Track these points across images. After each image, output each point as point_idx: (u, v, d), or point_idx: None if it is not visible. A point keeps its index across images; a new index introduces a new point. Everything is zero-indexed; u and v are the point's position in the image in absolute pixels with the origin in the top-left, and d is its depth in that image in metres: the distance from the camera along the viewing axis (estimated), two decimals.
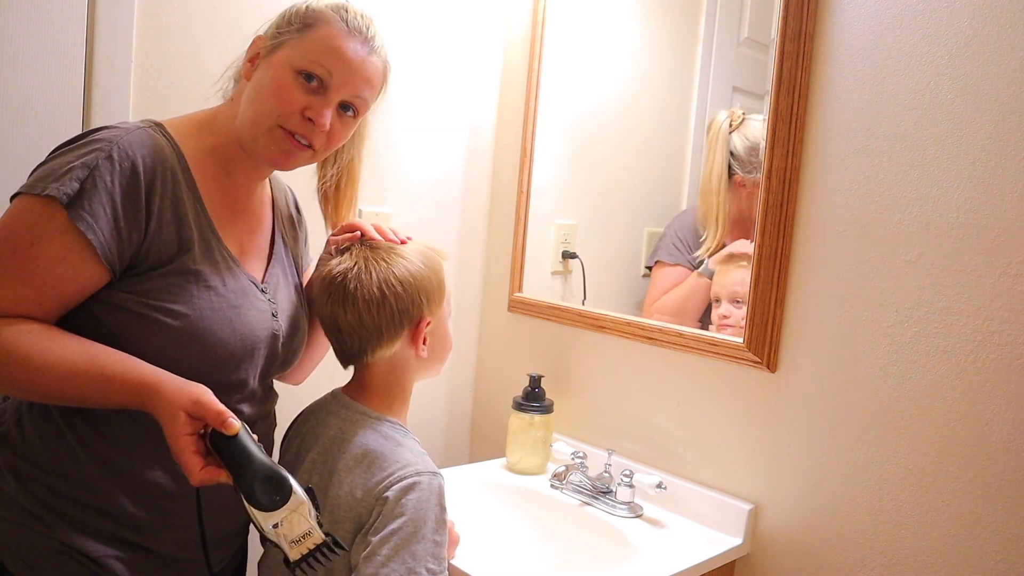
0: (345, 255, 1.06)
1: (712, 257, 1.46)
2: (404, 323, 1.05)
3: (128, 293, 0.89)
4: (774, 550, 1.30)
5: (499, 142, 1.82)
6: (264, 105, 0.95)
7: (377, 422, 1.05)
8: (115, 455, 0.91)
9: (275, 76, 0.95)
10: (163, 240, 0.90)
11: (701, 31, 1.53)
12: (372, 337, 1.04)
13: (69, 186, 0.84)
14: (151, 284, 0.90)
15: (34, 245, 0.84)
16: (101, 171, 0.86)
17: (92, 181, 0.85)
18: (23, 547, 0.89)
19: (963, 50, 1.09)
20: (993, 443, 1.07)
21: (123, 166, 0.87)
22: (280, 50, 0.96)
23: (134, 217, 0.88)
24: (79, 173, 0.85)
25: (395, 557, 0.94)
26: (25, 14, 1.13)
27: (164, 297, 0.90)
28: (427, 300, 1.06)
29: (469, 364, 1.87)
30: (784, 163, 1.26)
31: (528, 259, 1.74)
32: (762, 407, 1.32)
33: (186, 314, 0.90)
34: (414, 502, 0.96)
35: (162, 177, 0.90)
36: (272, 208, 1.12)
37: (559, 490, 1.48)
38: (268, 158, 0.98)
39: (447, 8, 1.69)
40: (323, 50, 0.95)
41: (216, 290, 0.94)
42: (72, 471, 0.90)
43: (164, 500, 0.94)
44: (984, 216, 1.07)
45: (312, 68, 0.95)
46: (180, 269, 0.91)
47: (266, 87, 0.95)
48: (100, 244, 0.85)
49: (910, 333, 1.14)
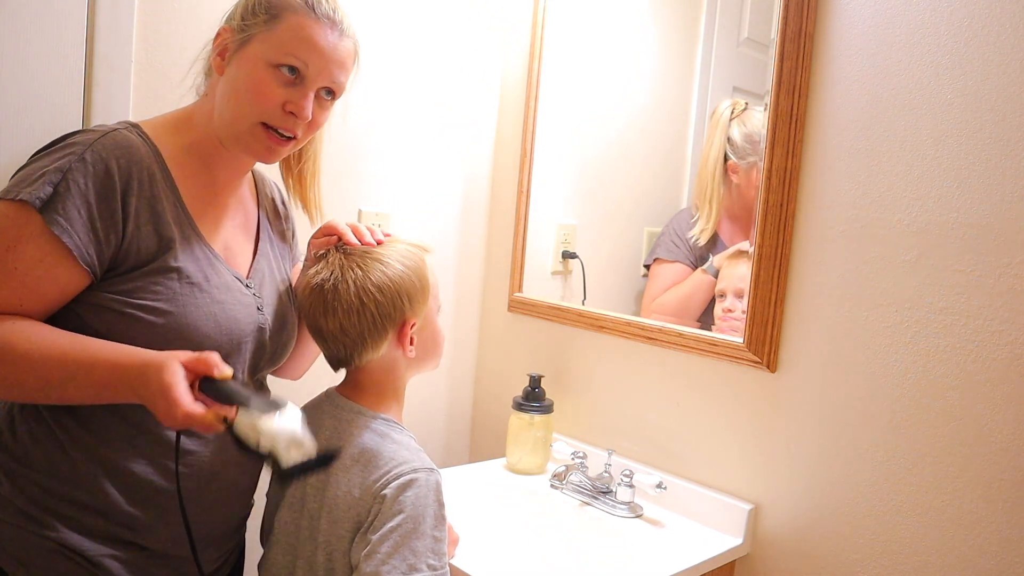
0: (322, 263, 1.05)
1: (719, 255, 1.46)
2: (387, 327, 1.04)
3: (111, 293, 0.89)
4: (774, 550, 1.31)
5: (499, 142, 1.82)
6: (243, 104, 0.95)
7: (372, 420, 1.05)
8: (107, 453, 0.92)
9: (250, 73, 0.94)
10: (142, 240, 0.90)
11: (701, 31, 1.53)
12: (357, 343, 1.04)
13: (42, 190, 0.85)
14: (133, 284, 0.90)
15: (10, 249, 0.85)
16: (74, 174, 0.86)
17: (65, 184, 0.85)
18: (18, 547, 0.89)
19: (963, 50, 1.09)
20: (993, 443, 1.07)
21: (96, 168, 0.87)
22: (250, 45, 0.95)
23: (110, 219, 0.88)
24: (52, 177, 0.85)
25: (395, 554, 0.94)
26: (25, 14, 1.13)
27: (147, 296, 0.90)
28: (409, 302, 1.05)
29: (469, 364, 1.87)
30: (784, 163, 1.26)
31: (528, 259, 1.74)
32: (762, 407, 1.32)
33: (170, 311, 0.91)
34: (412, 499, 0.97)
35: (138, 178, 0.90)
36: (257, 203, 1.11)
37: (559, 490, 1.48)
38: (252, 154, 0.99)
39: (448, 9, 1.69)
40: (295, 41, 0.94)
41: (199, 286, 0.94)
42: (65, 470, 0.91)
43: (157, 497, 0.94)
44: (984, 216, 1.07)
45: (287, 61, 0.94)
46: (161, 267, 0.91)
47: (242, 85, 0.95)
48: (76, 247, 0.86)
49: (910, 333, 1.14)
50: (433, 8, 1.67)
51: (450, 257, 1.78)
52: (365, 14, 1.55)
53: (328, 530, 1.00)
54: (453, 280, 1.80)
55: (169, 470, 0.93)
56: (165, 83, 1.28)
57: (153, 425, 0.92)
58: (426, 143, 1.70)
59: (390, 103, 1.62)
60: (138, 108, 1.25)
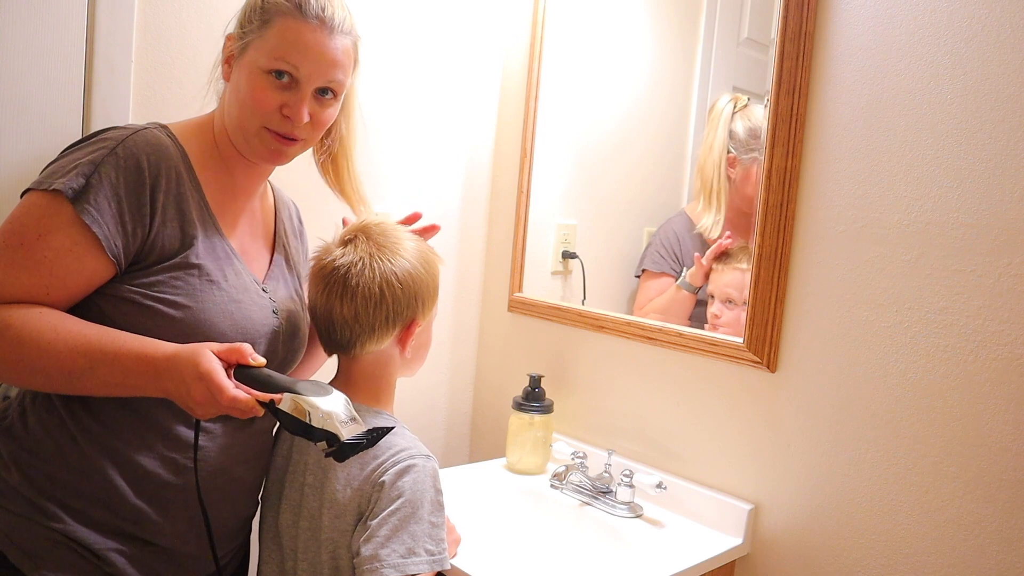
0: (349, 247, 1.06)
1: (692, 269, 1.47)
2: (397, 323, 1.05)
3: (132, 286, 0.91)
4: (774, 550, 1.31)
5: (499, 142, 1.81)
6: (245, 111, 0.98)
7: (366, 414, 1.06)
8: (117, 445, 0.93)
9: (248, 80, 0.97)
10: (167, 236, 0.93)
11: (701, 31, 1.53)
12: (364, 332, 1.04)
13: (75, 181, 0.87)
14: (154, 277, 0.92)
15: (42, 237, 0.87)
16: (106, 167, 0.89)
17: (97, 177, 0.88)
18: (25, 538, 0.89)
19: (963, 50, 1.09)
20: (993, 443, 1.07)
21: (128, 163, 0.90)
22: (247, 52, 0.97)
23: (138, 212, 0.90)
24: (85, 169, 0.88)
25: (393, 538, 0.95)
26: (25, 14, 1.13)
27: (167, 290, 0.92)
28: (422, 304, 1.07)
29: (469, 364, 1.87)
30: (784, 163, 1.26)
31: (528, 259, 1.74)
32: (762, 407, 1.32)
33: (188, 306, 0.93)
34: (409, 484, 0.97)
35: (166, 175, 0.93)
36: (275, 218, 1.14)
37: (559, 490, 1.48)
38: (261, 157, 1.01)
39: (448, 8, 1.69)
40: (284, 46, 0.95)
41: (218, 284, 0.96)
42: (74, 460, 0.91)
43: (164, 491, 0.95)
44: (984, 216, 1.07)
45: (278, 66, 0.96)
46: (183, 263, 0.93)
47: (243, 92, 0.97)
48: (105, 237, 0.88)
49: (910, 333, 1.14)
50: (433, 9, 1.66)
51: (450, 257, 1.78)
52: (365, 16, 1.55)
53: (331, 526, 1.01)
54: (453, 280, 1.80)
55: (177, 464, 0.95)
56: (165, 83, 1.28)
57: (163, 419, 0.93)
58: (426, 143, 1.70)
59: (390, 103, 1.62)
60: (138, 108, 1.25)
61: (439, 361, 1.79)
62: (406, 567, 0.94)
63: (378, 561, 0.94)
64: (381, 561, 0.94)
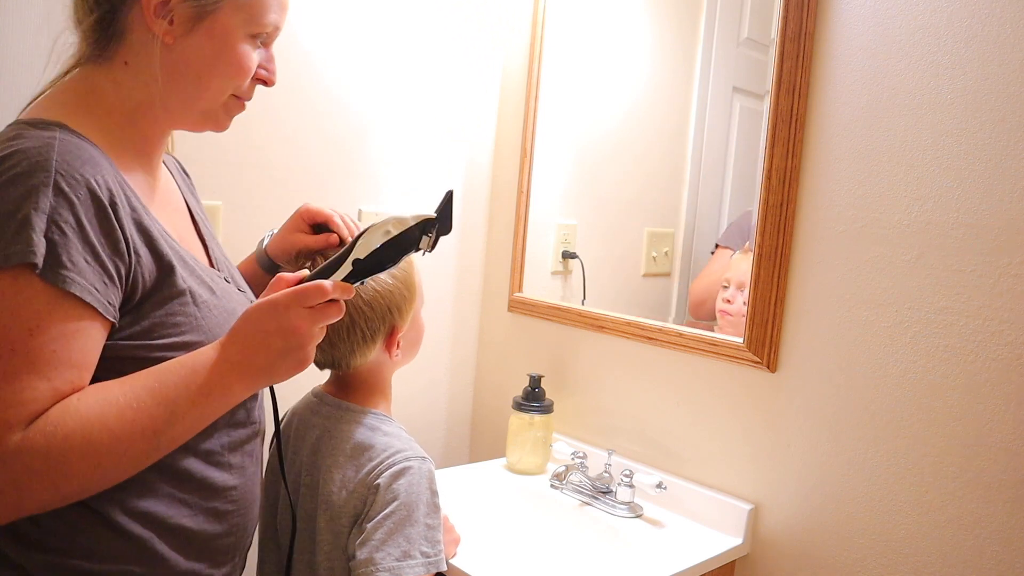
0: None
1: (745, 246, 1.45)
2: (377, 337, 1.04)
3: (128, 342, 0.78)
4: (774, 550, 1.31)
5: (499, 142, 1.82)
6: (221, 79, 0.85)
7: (361, 415, 1.06)
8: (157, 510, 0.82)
9: (227, 48, 0.83)
10: (144, 265, 0.78)
11: (701, 31, 1.53)
12: (345, 355, 1.04)
13: (34, 245, 0.69)
14: (148, 322, 0.79)
15: (33, 333, 0.70)
16: (61, 211, 0.70)
17: (56, 228, 0.70)
18: None
19: (963, 50, 1.09)
20: (993, 443, 1.07)
21: (79, 195, 0.72)
22: (219, 14, 0.82)
23: (115, 251, 0.75)
24: (35, 223, 0.69)
25: (389, 541, 0.94)
26: (25, 14, 1.13)
27: (170, 331, 0.80)
28: (398, 312, 1.04)
29: (469, 364, 1.87)
30: (784, 163, 1.26)
31: (528, 259, 1.74)
32: (762, 407, 1.32)
33: (198, 341, 0.82)
34: (405, 486, 0.97)
35: (115, 191, 0.76)
36: (176, 187, 0.99)
37: (559, 490, 1.48)
38: (212, 126, 0.90)
39: (447, 8, 1.69)
40: (275, 7, 0.86)
41: (209, 303, 0.85)
42: (117, 548, 0.80)
43: (214, 542, 0.88)
44: (984, 216, 1.07)
45: (266, 29, 0.86)
46: (172, 294, 0.81)
47: (219, 59, 0.83)
48: (100, 303, 0.73)
49: (910, 333, 1.14)
50: (433, 8, 1.67)
51: (450, 257, 1.78)
52: (365, 16, 1.55)
53: (326, 528, 1.00)
54: (453, 280, 1.80)
55: (216, 512, 0.87)
56: None
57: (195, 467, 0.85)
58: (426, 142, 1.70)
59: (390, 102, 1.62)
60: None
61: (439, 361, 1.79)
62: (401, 570, 0.94)
63: (373, 564, 0.93)
64: (376, 564, 0.93)
